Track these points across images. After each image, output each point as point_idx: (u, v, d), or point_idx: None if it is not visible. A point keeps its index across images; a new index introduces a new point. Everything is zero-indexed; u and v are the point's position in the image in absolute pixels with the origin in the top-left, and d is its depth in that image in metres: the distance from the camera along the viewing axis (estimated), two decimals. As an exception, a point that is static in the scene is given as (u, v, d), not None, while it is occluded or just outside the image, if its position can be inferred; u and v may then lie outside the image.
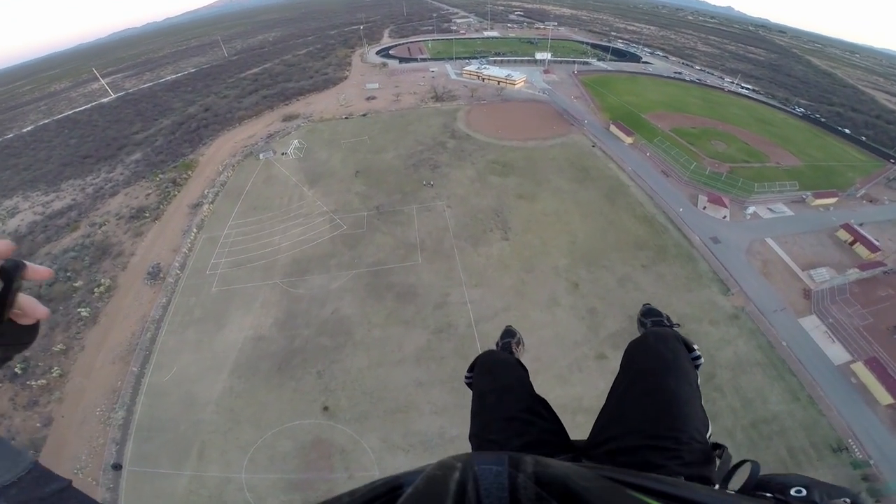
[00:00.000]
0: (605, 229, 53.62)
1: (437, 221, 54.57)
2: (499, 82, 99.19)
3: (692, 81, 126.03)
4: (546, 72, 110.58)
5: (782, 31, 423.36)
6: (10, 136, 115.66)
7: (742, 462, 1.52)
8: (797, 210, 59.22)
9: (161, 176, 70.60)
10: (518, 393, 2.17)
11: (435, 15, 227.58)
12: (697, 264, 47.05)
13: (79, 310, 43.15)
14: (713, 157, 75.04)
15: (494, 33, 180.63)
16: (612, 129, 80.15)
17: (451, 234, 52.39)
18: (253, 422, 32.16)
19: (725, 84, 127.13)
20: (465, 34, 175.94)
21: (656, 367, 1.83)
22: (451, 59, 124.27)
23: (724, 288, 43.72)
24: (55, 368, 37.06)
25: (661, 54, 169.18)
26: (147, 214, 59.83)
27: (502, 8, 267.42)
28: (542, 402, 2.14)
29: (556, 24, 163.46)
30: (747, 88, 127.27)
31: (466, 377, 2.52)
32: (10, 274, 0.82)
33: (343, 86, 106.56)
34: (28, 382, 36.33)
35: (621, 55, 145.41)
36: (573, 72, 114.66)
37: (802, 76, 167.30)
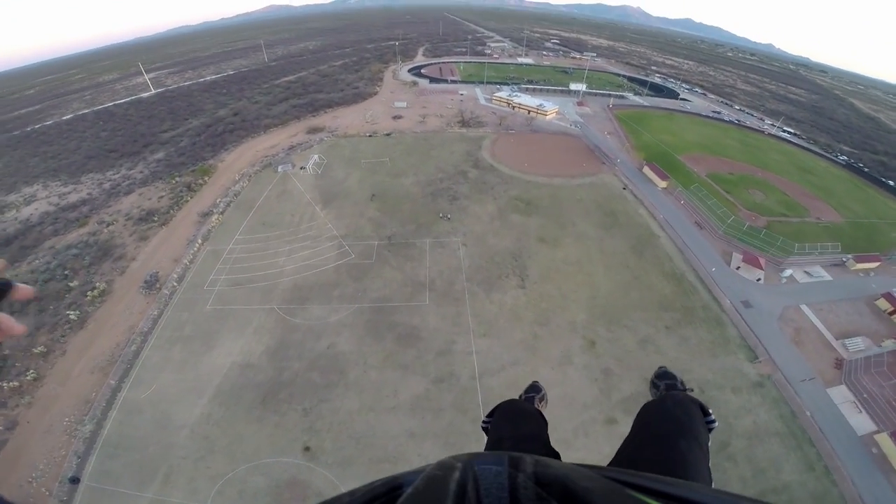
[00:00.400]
0: (629, 284, 49.30)
1: (451, 260, 51.01)
2: (529, 111, 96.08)
3: (731, 122, 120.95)
4: (580, 104, 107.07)
5: (823, 70, 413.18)
6: (50, 122, 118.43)
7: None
8: (836, 274, 54.15)
9: (177, 179, 69.38)
10: (536, 444, 2.13)
11: (470, 37, 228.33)
12: (725, 329, 43.26)
13: (68, 312, 41.59)
14: (750, 208, 69.75)
15: (528, 60, 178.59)
16: (646, 170, 75.70)
17: (464, 275, 48.72)
18: (227, 452, 30.15)
19: (766, 126, 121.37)
20: (498, 59, 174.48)
21: (671, 431, 1.79)
22: (482, 83, 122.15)
23: (751, 355, 40.30)
24: (31, 371, 35.60)
25: (699, 91, 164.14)
26: (156, 218, 58.48)
27: (538, 35, 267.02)
28: (557, 456, 2.04)
29: (594, 55, 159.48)
30: (788, 132, 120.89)
31: (484, 422, 2.43)
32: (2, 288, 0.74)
33: (372, 101, 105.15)
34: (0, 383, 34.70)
35: (658, 90, 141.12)
36: (608, 105, 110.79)
37: (845, 120, 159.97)
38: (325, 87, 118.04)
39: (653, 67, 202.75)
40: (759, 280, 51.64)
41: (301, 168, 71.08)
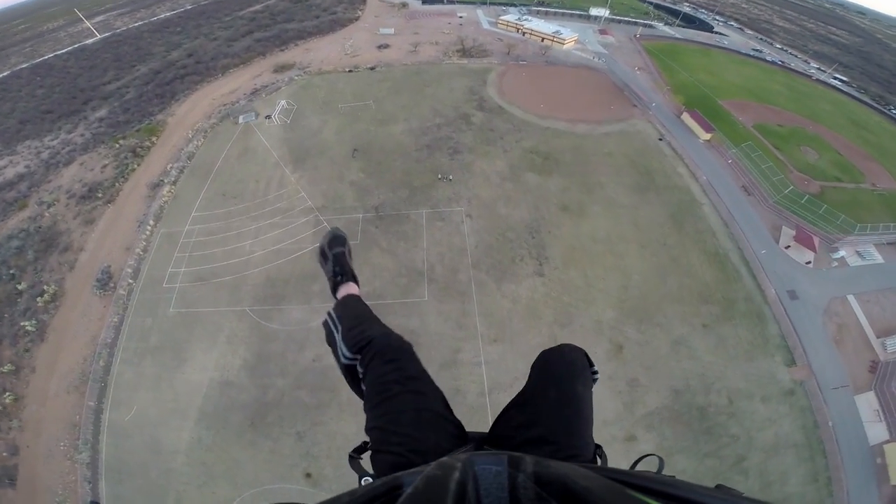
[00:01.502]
0: (666, 269, 39.86)
1: (453, 238, 39.56)
2: (543, 39, 78.54)
3: (774, 63, 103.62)
4: (602, 32, 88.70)
5: (861, 12, 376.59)
6: None
7: (648, 455, 1.73)
8: (888, 255, 44.48)
9: (121, 142, 56.86)
10: (420, 380, 2.02)
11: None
12: (766, 326, 37.00)
13: (24, 323, 37.36)
14: (803, 170, 57.76)
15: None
16: (686, 118, 61.48)
17: (470, 259, 37.66)
18: (228, 478, 28.38)
19: (812, 71, 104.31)
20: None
21: (569, 374, 1.95)
22: (485, 3, 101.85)
23: (789, 358, 35.41)
24: (8, 393, 33.08)
25: (735, 25, 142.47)
26: (100, 195, 49.01)
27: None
28: (443, 397, 2.03)
29: None
30: (839, 79, 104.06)
31: (347, 358, 2.18)
32: None
33: (352, 29, 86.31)
34: (-17, 407, 31.69)
35: (690, 21, 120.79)
36: (635, 35, 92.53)
37: (895, 69, 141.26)
38: (297, 15, 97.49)
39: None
40: (808, 263, 42.70)
41: (266, 117, 56.99)
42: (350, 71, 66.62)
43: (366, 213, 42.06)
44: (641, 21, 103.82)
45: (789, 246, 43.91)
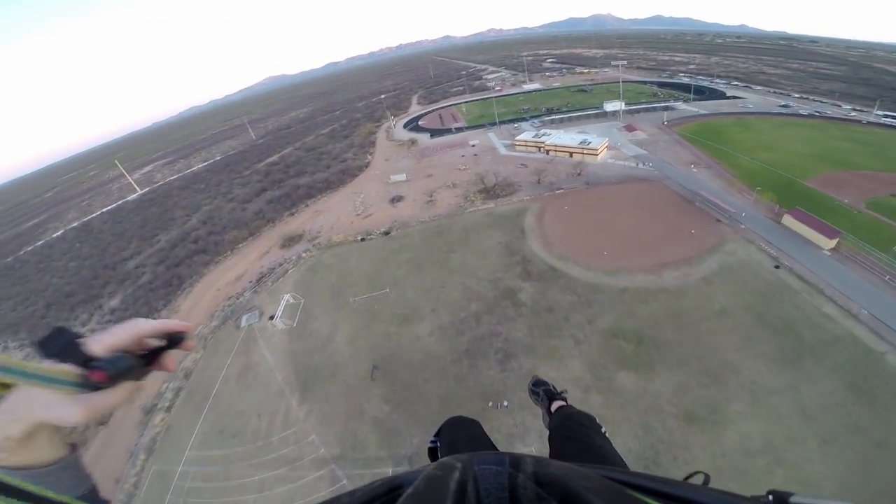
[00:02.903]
0: (873, 462, 24.07)
1: None
2: (571, 154, 67.24)
3: (812, 116, 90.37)
4: (628, 128, 77.77)
5: (813, 40, 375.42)
6: (41, 242, 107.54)
7: (693, 473, 1.57)
8: None
9: None
10: (486, 440, 2.25)
11: (464, 73, 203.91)
12: None
13: None
14: None
15: (536, 85, 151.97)
16: (790, 222, 45.97)
17: None
18: None
19: (853, 114, 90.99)
20: (501, 91, 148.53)
21: (583, 432, 2.07)
22: (494, 124, 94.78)
23: None
24: None
25: (739, 84, 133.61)
26: None
27: (531, 58, 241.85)
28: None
29: (624, 62, 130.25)
30: (889, 116, 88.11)
31: (431, 442, 2.42)
32: (175, 342, 1.13)
33: (363, 178, 79.06)
34: None
35: (700, 92, 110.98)
36: (663, 123, 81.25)
37: None
38: (309, 166, 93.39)
39: (669, 68, 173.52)
40: None
41: (270, 318, 45.39)
42: (362, 239, 55.81)
43: (397, 467, 27.62)
44: (658, 105, 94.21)
45: None
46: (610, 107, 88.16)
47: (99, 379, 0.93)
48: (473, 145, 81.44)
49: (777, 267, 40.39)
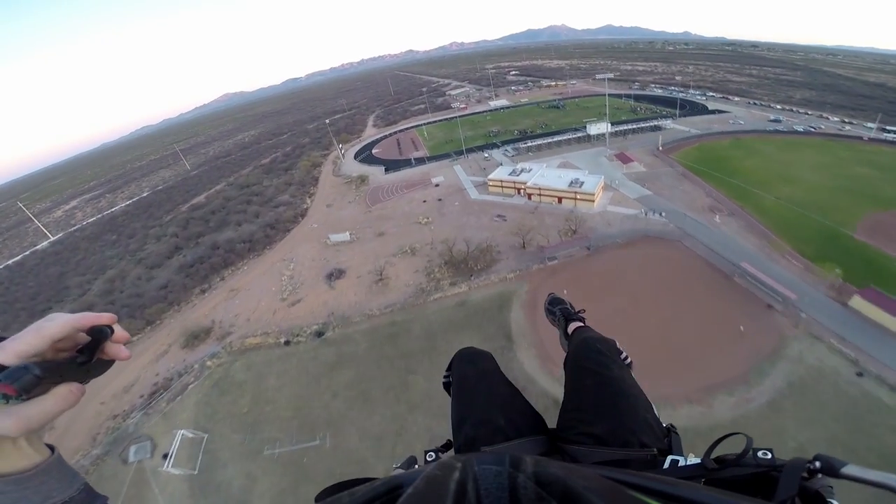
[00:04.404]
0: None
1: None
2: (560, 199, 52.28)
3: (808, 132, 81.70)
4: (621, 157, 63.71)
5: (753, 45, 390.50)
6: None
7: (731, 434, 1.46)
8: None
9: None
10: (498, 375, 2.12)
11: (425, 90, 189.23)
12: None
13: None
14: None
15: (503, 101, 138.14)
16: (861, 304, 32.58)
17: None
18: None
19: (847, 128, 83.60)
20: (466, 109, 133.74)
21: (601, 361, 1.92)
22: (461, 152, 79.18)
23: None
24: None
25: (715, 96, 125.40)
26: None
27: (494, 70, 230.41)
28: (517, 389, 2.08)
29: (610, 74, 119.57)
30: (892, 132, 79.46)
31: (444, 376, 2.33)
32: (102, 334, 1.07)
33: (297, 235, 61.39)
34: None
35: (680, 106, 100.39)
36: (657, 148, 68.19)
37: (869, 93, 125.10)
38: (235, 213, 74.54)
39: (636, 78, 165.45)
40: None
41: (164, 457, 29.57)
42: (287, 343, 38.67)
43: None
44: (645, 124, 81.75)
45: None
46: (594, 129, 74.52)
47: (8, 392, 0.87)
48: (437, 185, 65.07)
49: (860, 375, 26.75)
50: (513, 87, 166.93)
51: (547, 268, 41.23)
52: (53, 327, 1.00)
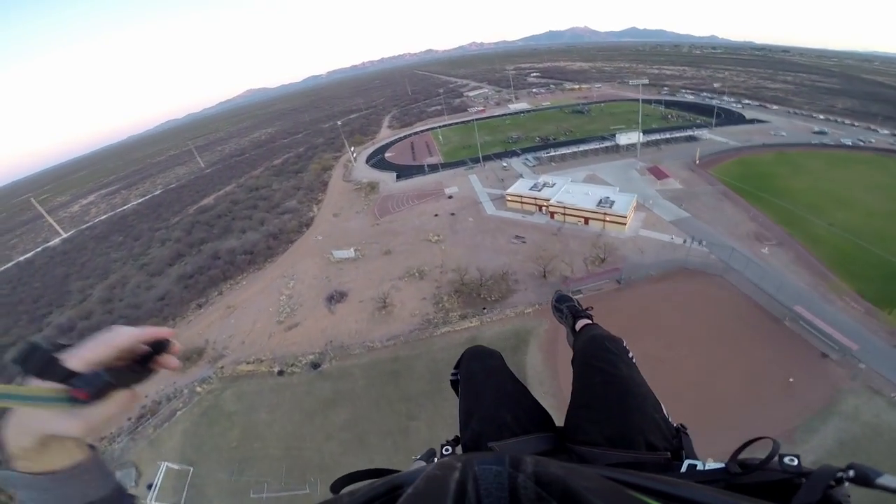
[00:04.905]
0: None
1: None
2: (587, 220, 47.33)
3: (856, 146, 75.28)
4: (654, 172, 58.21)
5: (784, 50, 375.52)
6: None
7: (758, 438, 1.39)
8: None
9: None
10: (506, 373, 2.12)
11: (442, 90, 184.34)
12: None
13: None
14: None
15: (523, 105, 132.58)
16: None
17: None
18: None
19: None
20: (484, 112, 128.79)
21: (609, 359, 1.90)
22: (477, 160, 74.68)
23: None
24: None
25: (751, 103, 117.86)
26: None
27: (514, 71, 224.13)
28: (524, 387, 2.09)
29: (644, 80, 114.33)
30: None
31: (452, 374, 2.30)
32: (162, 347, 1.14)
33: (300, 247, 58.02)
34: None
35: (716, 115, 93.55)
36: (694, 161, 62.54)
37: None
38: (240, 219, 71.71)
39: (664, 83, 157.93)
40: None
41: (148, 487, 29.48)
42: (280, 372, 35.23)
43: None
44: (679, 134, 75.73)
45: None
46: (624, 139, 68.89)
47: (80, 397, 0.93)
48: (450, 197, 60.43)
49: None
50: (533, 90, 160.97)
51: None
52: (122, 340, 1.07)
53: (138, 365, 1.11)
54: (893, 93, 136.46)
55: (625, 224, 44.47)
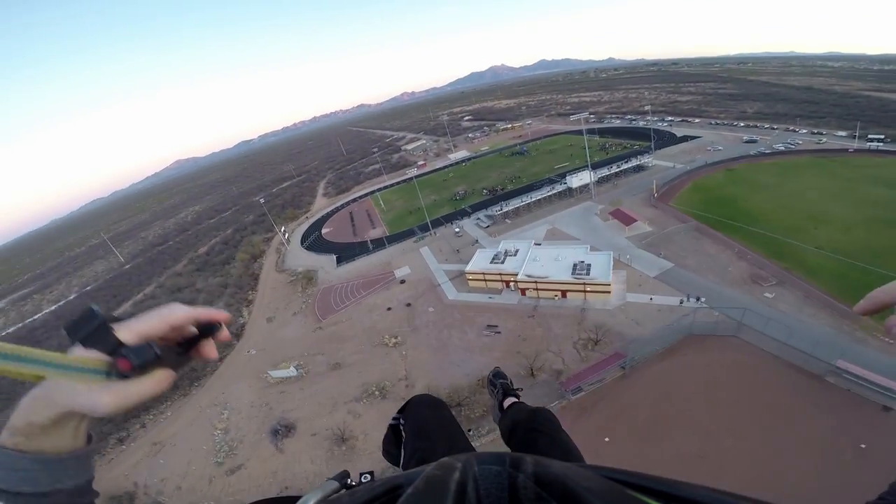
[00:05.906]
0: None
1: None
2: (563, 293, 40.48)
3: (791, 151, 77.47)
4: (621, 218, 53.32)
5: (674, 62, 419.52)
6: None
7: None
8: None
9: None
10: (457, 426, 2.24)
11: (377, 148, 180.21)
12: None
13: None
14: None
15: (463, 152, 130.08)
16: None
17: None
18: None
19: (823, 141, 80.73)
20: (425, 166, 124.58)
21: (550, 429, 2.15)
22: (426, 228, 67.48)
23: None
24: None
25: (673, 120, 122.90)
26: None
27: (447, 117, 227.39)
28: (464, 436, 2.21)
29: (586, 113, 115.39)
30: (875, 139, 74.87)
31: (394, 419, 2.33)
32: (211, 331, 1.11)
33: (231, 366, 46.92)
34: None
35: (648, 137, 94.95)
36: (653, 195, 59.12)
37: (808, 98, 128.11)
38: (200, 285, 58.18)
39: (587, 110, 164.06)
40: None
41: None
42: None
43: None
44: (626, 165, 73.41)
45: None
46: (576, 181, 64.94)
47: (124, 368, 0.91)
48: (402, 281, 51.78)
49: None
50: (469, 135, 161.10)
51: (572, 404, 28.82)
52: (176, 316, 1.04)
53: (181, 347, 1.08)
54: (784, 91, 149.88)
55: (609, 292, 38.14)
